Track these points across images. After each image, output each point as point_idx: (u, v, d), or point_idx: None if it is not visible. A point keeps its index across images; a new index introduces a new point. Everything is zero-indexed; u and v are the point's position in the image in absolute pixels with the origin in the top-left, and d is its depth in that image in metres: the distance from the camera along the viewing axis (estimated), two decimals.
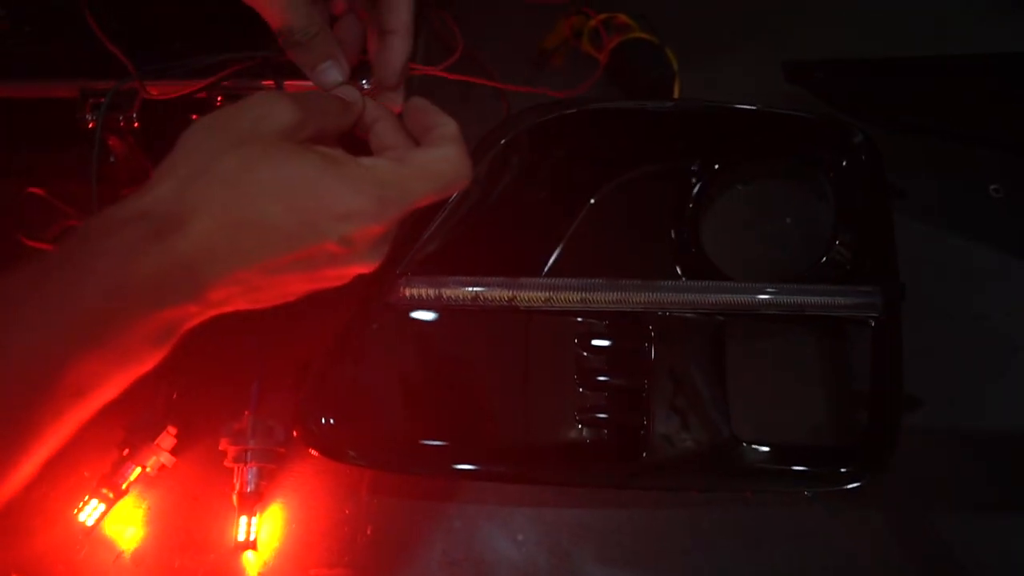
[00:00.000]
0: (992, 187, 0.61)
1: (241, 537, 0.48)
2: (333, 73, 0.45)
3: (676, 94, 0.64)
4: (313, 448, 0.46)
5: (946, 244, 0.59)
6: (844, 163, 0.54)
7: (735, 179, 0.56)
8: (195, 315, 0.36)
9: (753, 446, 0.48)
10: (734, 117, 0.54)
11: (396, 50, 0.46)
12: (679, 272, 0.54)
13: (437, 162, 0.40)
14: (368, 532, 0.49)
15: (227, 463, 0.50)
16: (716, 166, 0.55)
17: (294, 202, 0.36)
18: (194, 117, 0.55)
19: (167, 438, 0.51)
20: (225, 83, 0.53)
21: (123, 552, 0.50)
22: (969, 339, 0.56)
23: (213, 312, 0.37)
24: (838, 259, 0.53)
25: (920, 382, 0.50)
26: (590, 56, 0.66)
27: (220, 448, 0.50)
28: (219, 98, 0.53)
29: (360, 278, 0.43)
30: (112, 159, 0.57)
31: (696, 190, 0.56)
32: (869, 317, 0.50)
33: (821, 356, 0.53)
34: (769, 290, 0.50)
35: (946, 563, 0.48)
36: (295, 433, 0.47)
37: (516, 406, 0.48)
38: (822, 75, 0.56)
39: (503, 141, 0.50)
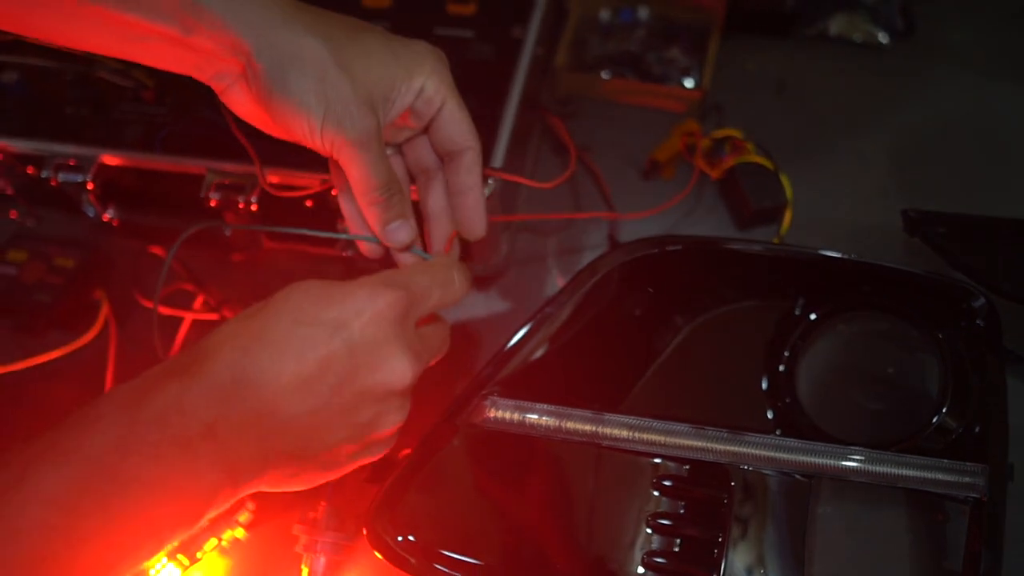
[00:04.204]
0: None
1: None
2: (403, 233, 0.46)
3: (786, 223, 0.62)
4: (379, 552, 0.47)
5: None
6: (959, 326, 0.52)
7: (840, 324, 0.55)
8: (232, 452, 0.37)
9: None
10: (844, 267, 0.53)
11: (478, 206, 0.48)
12: (768, 415, 0.52)
13: (439, 259, 0.47)
14: None
15: (297, 548, 0.51)
16: (821, 310, 0.54)
17: (308, 312, 0.38)
18: (308, 204, 0.57)
19: (244, 513, 0.53)
20: None
21: None
22: None
23: (266, 467, 0.38)
24: (942, 428, 0.51)
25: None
26: (702, 170, 0.66)
27: (293, 532, 0.52)
28: (333, 190, 0.56)
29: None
30: (228, 232, 0.59)
31: (797, 331, 0.54)
32: (969, 497, 0.48)
33: (912, 530, 0.50)
34: (862, 457, 0.48)
35: None
36: (365, 533, 0.48)
37: (584, 539, 0.48)
38: (946, 231, 0.54)
39: (599, 275, 0.50)
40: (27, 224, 0.66)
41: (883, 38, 0.75)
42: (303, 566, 0.51)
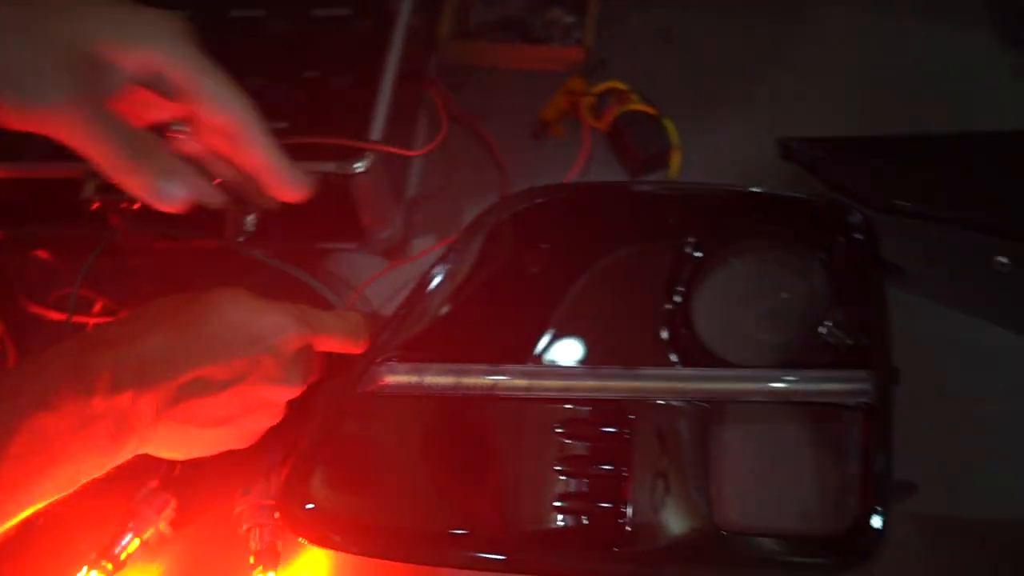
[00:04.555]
0: (997, 257, 0.60)
1: None
2: (175, 189, 0.44)
3: (675, 167, 0.64)
4: (296, 532, 0.47)
5: (948, 321, 0.58)
6: (838, 242, 0.54)
7: (729, 256, 0.56)
8: (144, 420, 0.41)
9: (736, 536, 0.48)
10: (727, 197, 0.54)
11: (282, 175, 0.47)
12: (671, 355, 0.53)
13: (350, 314, 0.51)
14: None
15: (242, 526, 0.51)
16: (710, 244, 0.55)
17: (233, 319, 0.44)
18: None
19: (167, 510, 0.52)
20: None
21: None
22: (972, 421, 0.55)
23: (163, 428, 0.43)
24: (831, 340, 0.52)
25: (918, 468, 0.49)
26: (593, 127, 0.67)
27: (235, 513, 0.52)
28: (215, 180, 0.55)
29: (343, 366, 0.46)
30: (115, 235, 0.59)
31: (689, 267, 0.55)
32: (860, 402, 0.49)
33: (811, 440, 0.52)
34: (754, 378, 0.49)
35: None
36: (278, 516, 0.48)
37: (497, 491, 0.48)
38: (820, 154, 0.55)
39: (487, 229, 0.50)
40: None
41: None
42: (251, 543, 0.51)
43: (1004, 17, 0.72)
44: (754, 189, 0.54)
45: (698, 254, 0.55)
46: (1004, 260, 0.61)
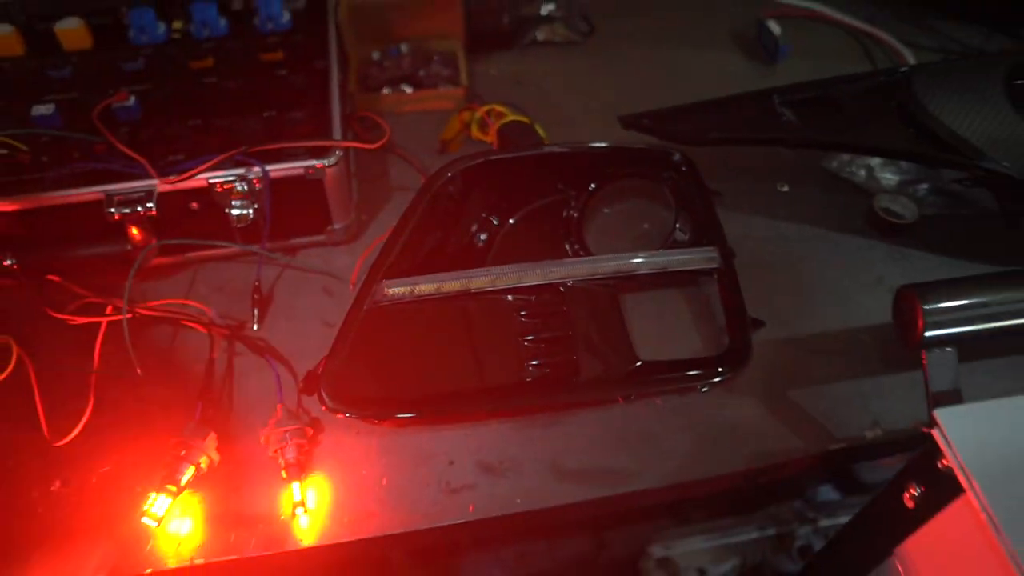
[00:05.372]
0: (780, 185, 0.87)
1: (297, 498, 0.61)
2: None
3: None
4: (340, 411, 0.61)
5: (753, 223, 0.83)
6: (672, 175, 0.77)
7: (603, 201, 0.78)
8: None
9: (652, 363, 0.67)
10: (593, 154, 0.77)
11: None
12: None
13: None
14: (384, 482, 0.63)
15: (270, 449, 0.63)
16: (587, 192, 0.77)
17: None
18: (194, 205, 0.72)
19: (211, 440, 0.64)
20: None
21: (187, 537, 0.61)
22: (784, 279, 0.78)
23: None
24: (682, 238, 0.75)
25: (764, 311, 0.71)
26: (480, 140, 0.88)
27: (262, 442, 0.64)
28: (218, 186, 0.71)
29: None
30: (129, 247, 0.72)
31: (577, 212, 0.77)
32: (713, 269, 0.72)
33: (691, 300, 0.74)
34: (641, 255, 0.70)
35: (796, 420, 0.68)
36: (324, 408, 0.62)
37: (480, 363, 0.65)
38: (647, 120, 0.80)
39: (441, 181, 0.69)
40: None
41: (576, 37, 1.05)
42: (280, 459, 0.63)
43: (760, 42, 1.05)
44: (607, 145, 0.77)
45: (580, 202, 0.77)
46: (785, 188, 0.88)
